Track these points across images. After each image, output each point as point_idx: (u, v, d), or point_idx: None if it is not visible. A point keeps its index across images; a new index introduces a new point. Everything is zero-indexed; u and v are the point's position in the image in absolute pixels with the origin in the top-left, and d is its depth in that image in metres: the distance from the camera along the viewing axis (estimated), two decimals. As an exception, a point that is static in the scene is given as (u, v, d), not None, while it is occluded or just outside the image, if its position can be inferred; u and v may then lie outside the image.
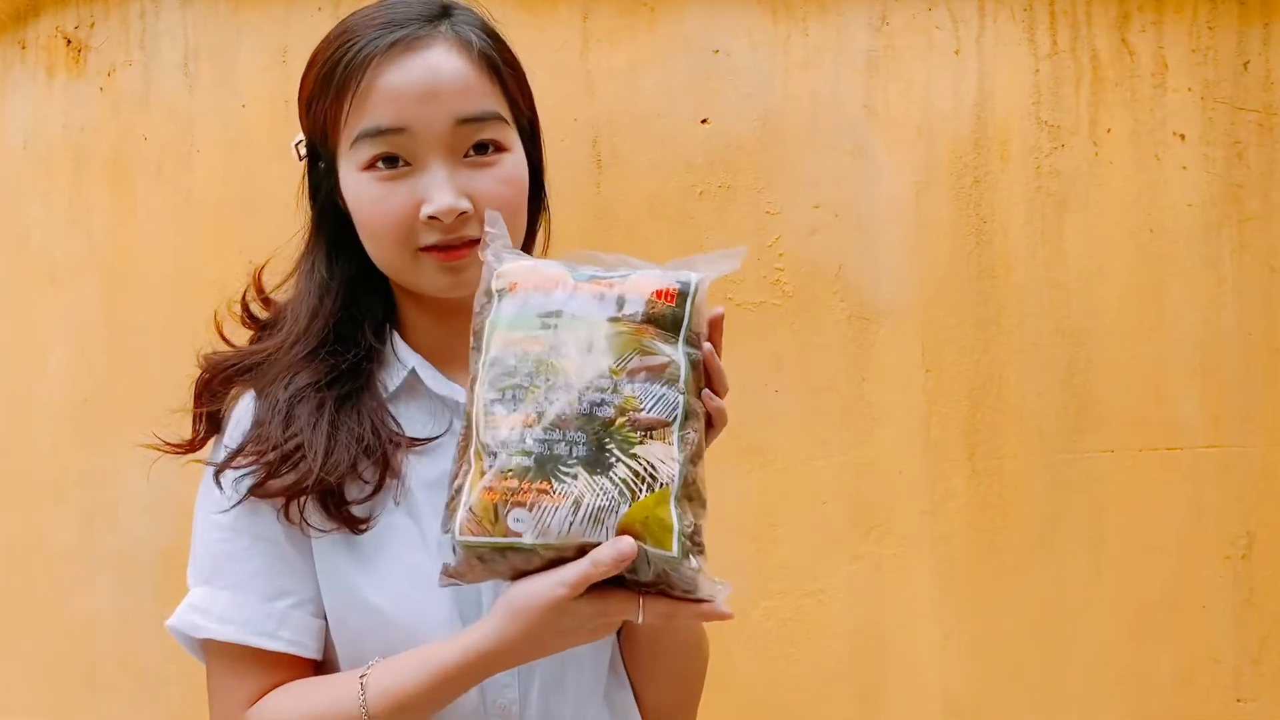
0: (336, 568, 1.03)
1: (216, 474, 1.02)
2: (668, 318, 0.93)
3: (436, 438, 1.06)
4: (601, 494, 0.87)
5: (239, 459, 1.01)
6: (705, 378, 0.94)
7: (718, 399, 0.95)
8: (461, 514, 0.89)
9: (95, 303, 1.96)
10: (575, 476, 0.87)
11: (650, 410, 0.90)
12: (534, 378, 0.90)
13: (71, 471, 1.97)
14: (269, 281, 1.20)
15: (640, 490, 0.88)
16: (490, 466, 0.89)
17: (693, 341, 0.94)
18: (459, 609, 1.03)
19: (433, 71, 0.99)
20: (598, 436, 0.88)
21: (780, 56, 1.82)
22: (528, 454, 0.88)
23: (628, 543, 0.85)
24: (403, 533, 1.04)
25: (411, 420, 1.07)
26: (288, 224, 1.75)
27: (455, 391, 1.07)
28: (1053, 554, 1.87)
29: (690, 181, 1.81)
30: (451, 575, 0.92)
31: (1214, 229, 1.91)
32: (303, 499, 1.00)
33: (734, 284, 1.80)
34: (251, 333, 1.16)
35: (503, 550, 0.88)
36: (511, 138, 1.03)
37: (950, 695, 1.88)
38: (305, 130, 1.10)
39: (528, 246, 1.11)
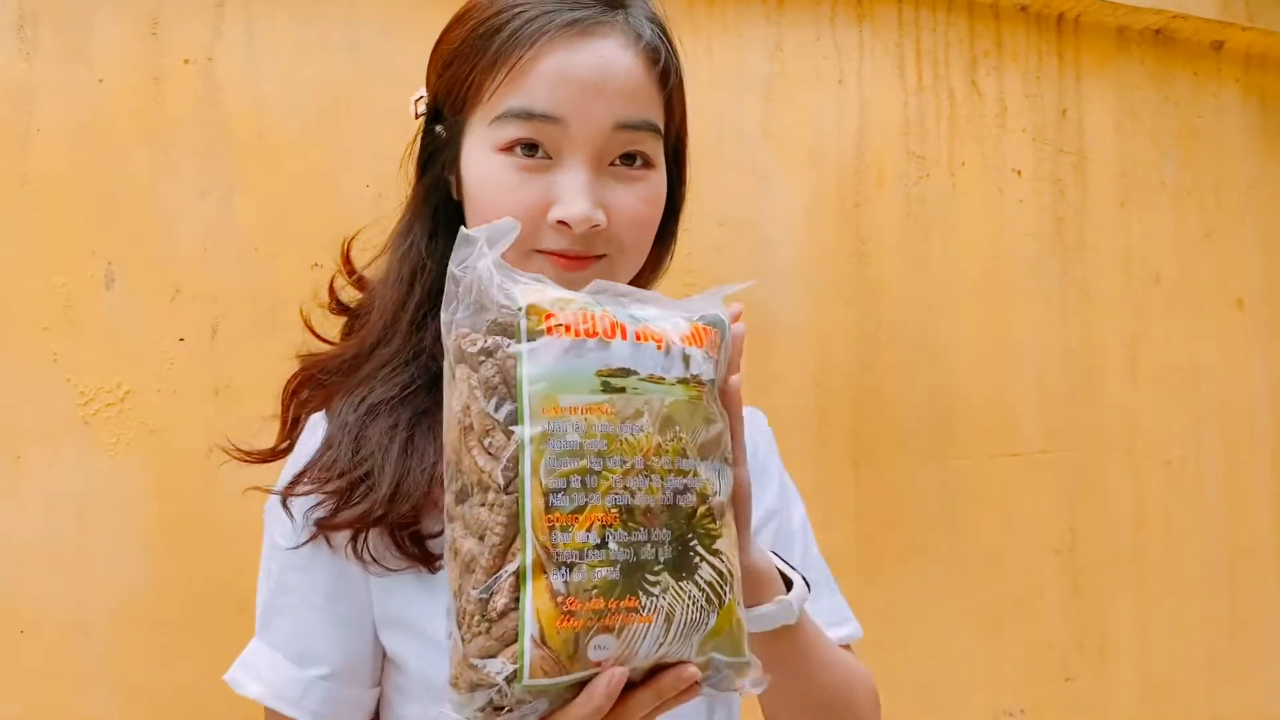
0: (409, 617, 0.92)
1: (284, 500, 0.91)
2: (712, 372, 0.76)
3: None
4: (692, 604, 0.70)
5: (301, 485, 0.91)
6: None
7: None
8: (531, 651, 0.66)
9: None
10: (664, 586, 0.70)
11: (721, 493, 0.74)
12: (606, 459, 0.69)
13: None
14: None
15: (724, 593, 0.72)
16: (564, 582, 0.67)
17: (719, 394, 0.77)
18: None
19: (605, 65, 0.89)
20: (682, 532, 0.71)
21: (687, 73, 1.82)
22: (613, 564, 0.68)
23: (620, 673, 0.69)
24: None
25: None
26: (153, 220, 1.53)
27: None
28: (924, 556, 1.99)
29: (602, 193, 1.76)
30: None
31: (1044, 258, 2.13)
32: (366, 534, 0.89)
33: (646, 299, 1.77)
34: (344, 321, 1.04)
35: (571, 686, 0.68)
36: (660, 154, 0.94)
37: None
38: (432, 88, 0.97)
39: (640, 280, 0.98)
